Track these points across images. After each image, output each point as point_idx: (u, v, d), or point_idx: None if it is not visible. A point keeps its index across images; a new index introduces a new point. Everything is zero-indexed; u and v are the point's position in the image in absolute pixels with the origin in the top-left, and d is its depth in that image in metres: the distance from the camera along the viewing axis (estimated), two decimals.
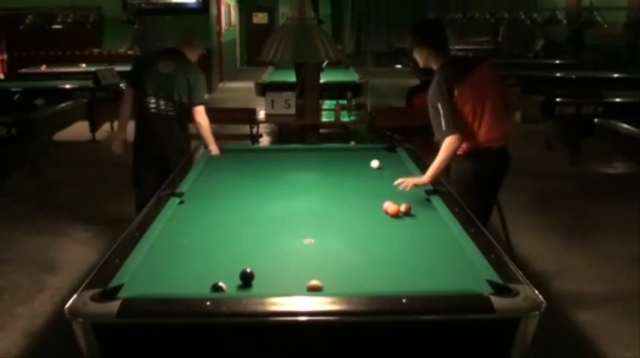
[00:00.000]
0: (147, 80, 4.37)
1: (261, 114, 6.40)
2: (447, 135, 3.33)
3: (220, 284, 2.10)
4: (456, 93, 3.39)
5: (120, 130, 4.59)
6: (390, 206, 2.96)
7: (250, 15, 19.34)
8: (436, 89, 3.40)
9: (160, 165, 4.34)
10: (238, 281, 2.16)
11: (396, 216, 2.92)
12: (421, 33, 3.57)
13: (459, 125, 3.35)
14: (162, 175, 3.88)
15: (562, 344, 3.31)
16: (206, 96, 4.42)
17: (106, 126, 9.02)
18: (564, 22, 12.44)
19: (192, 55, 4.50)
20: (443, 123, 3.34)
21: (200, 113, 4.37)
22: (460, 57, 3.80)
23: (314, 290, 2.08)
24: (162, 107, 4.35)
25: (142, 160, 4.50)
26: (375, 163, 3.88)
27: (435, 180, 3.36)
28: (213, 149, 4.34)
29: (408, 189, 3.27)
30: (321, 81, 6.99)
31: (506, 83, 8.86)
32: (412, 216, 2.98)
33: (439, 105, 3.36)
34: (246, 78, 13.22)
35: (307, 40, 5.24)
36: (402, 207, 2.94)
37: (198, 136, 4.50)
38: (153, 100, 4.34)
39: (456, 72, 3.44)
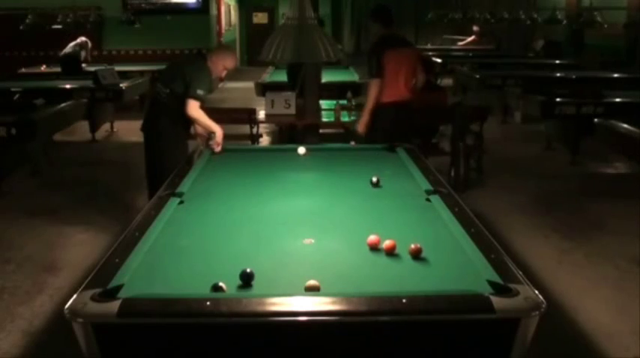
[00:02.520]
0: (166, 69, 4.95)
1: (261, 114, 6.40)
2: (372, 79, 5.26)
3: (220, 284, 2.10)
4: (383, 57, 5.17)
5: None
6: (380, 241, 2.51)
7: (250, 15, 19.32)
8: (373, 48, 5.32)
9: (145, 141, 4.68)
10: (238, 281, 2.16)
11: (392, 251, 2.47)
12: (376, 13, 5.45)
13: (381, 75, 5.20)
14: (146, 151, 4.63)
15: (562, 344, 3.31)
16: (200, 91, 4.37)
17: (106, 126, 9.03)
18: (564, 22, 12.42)
19: (212, 65, 4.52)
20: (373, 72, 5.23)
21: (190, 106, 4.39)
22: (396, 35, 5.48)
23: (311, 290, 2.08)
24: (161, 93, 4.55)
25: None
26: (301, 150, 4.27)
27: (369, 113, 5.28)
28: (217, 132, 4.37)
29: (360, 130, 5.30)
30: (321, 81, 6.99)
31: (507, 83, 8.96)
32: (412, 216, 2.98)
33: (371, 59, 5.23)
34: (246, 78, 13.20)
35: (307, 40, 5.23)
36: (412, 246, 2.45)
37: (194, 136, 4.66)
38: (159, 85, 4.63)
39: (387, 43, 5.21)
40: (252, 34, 18.63)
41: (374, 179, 3.48)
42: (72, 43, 10.35)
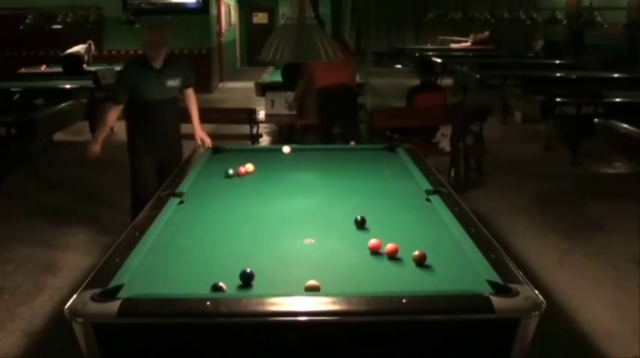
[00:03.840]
0: None
1: (261, 114, 6.41)
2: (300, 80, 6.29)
3: (220, 284, 2.10)
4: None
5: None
6: (381, 245, 2.49)
7: (250, 15, 19.32)
8: None
9: None
10: (238, 281, 2.16)
11: (393, 255, 2.44)
12: None
13: (304, 78, 6.18)
14: None
15: (562, 344, 3.31)
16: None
17: None
18: (564, 22, 12.42)
19: (145, 51, 4.35)
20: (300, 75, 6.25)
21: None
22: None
23: (312, 290, 2.08)
24: None
25: None
26: (286, 149, 4.32)
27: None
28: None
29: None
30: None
31: (507, 83, 8.95)
32: (412, 216, 2.98)
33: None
34: (246, 78, 13.21)
35: (307, 40, 5.23)
36: (416, 253, 2.40)
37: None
38: None
39: None
40: (252, 34, 18.63)
41: (358, 218, 2.82)
42: (79, 46, 10.31)
